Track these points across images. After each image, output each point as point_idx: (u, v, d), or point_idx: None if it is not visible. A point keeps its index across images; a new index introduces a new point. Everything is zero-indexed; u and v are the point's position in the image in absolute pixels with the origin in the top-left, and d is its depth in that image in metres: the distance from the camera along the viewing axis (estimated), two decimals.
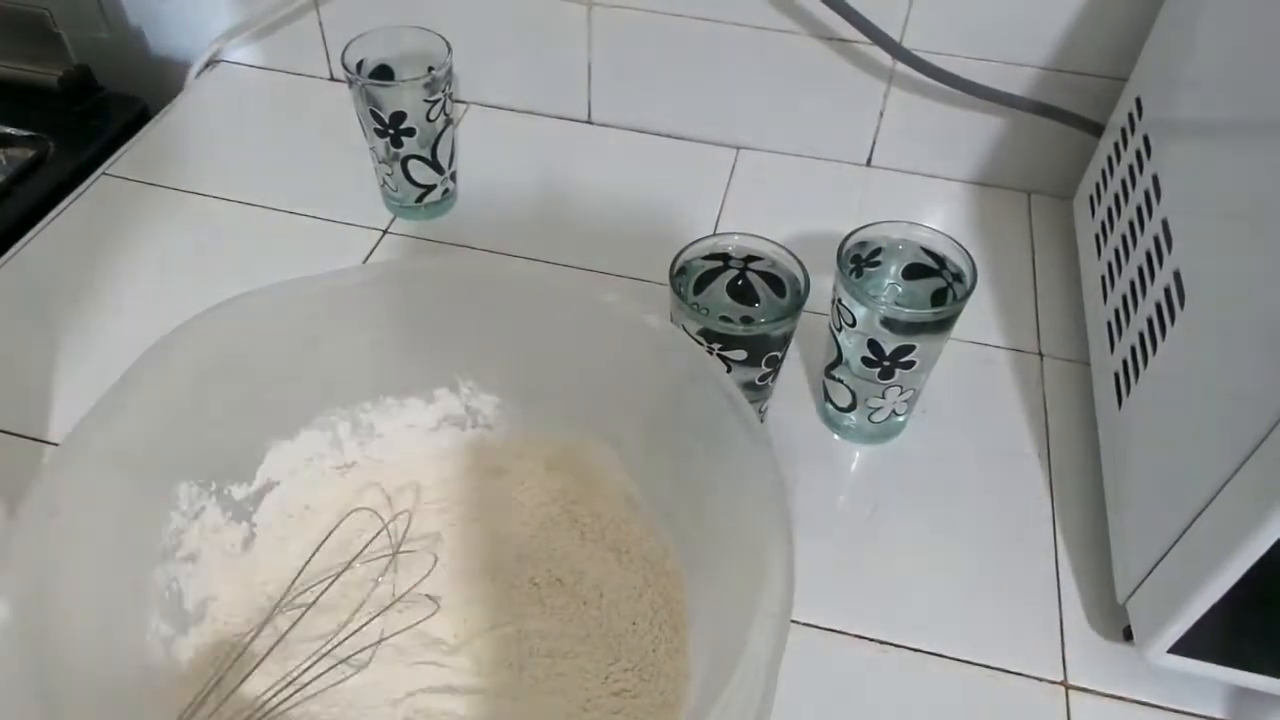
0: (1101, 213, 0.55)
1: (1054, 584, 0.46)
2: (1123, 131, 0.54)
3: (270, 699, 0.38)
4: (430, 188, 0.62)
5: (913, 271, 0.49)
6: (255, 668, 0.39)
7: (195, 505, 0.40)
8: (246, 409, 0.41)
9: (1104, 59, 0.60)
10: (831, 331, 0.48)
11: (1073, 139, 0.63)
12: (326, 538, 0.43)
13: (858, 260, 0.48)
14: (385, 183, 0.62)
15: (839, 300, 0.46)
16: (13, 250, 0.60)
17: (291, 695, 0.38)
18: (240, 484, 0.42)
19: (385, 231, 0.62)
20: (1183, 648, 0.38)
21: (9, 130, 0.71)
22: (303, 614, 0.40)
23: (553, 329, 0.42)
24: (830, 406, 0.51)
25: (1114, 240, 0.52)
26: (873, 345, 0.46)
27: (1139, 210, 0.48)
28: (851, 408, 0.50)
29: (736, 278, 0.47)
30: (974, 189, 0.67)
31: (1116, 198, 0.53)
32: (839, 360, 0.48)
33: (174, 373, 0.38)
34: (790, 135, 0.68)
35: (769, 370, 0.46)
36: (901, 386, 0.48)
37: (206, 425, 0.40)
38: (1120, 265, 0.50)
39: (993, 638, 0.44)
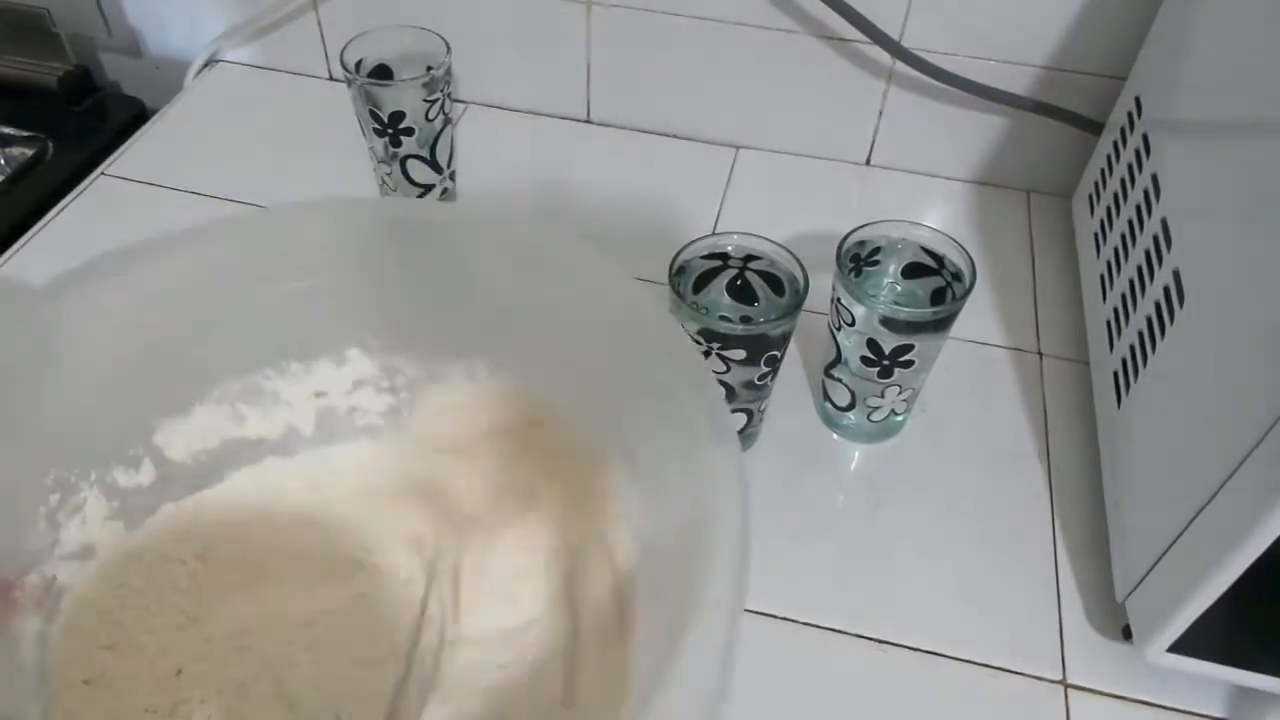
0: (1101, 212, 0.55)
1: (1053, 583, 0.46)
2: (1122, 130, 0.54)
3: None
4: (429, 187, 0.62)
5: (912, 271, 0.49)
6: None
7: (71, 499, 0.35)
8: (128, 383, 0.37)
9: (1103, 58, 0.60)
10: (830, 331, 0.48)
11: (1072, 138, 0.63)
12: None
13: (857, 259, 0.48)
14: (384, 182, 0.62)
15: (838, 299, 0.46)
16: (12, 250, 0.60)
17: None
18: (126, 469, 0.37)
19: None
20: (1182, 646, 0.38)
21: (9, 130, 0.71)
22: None
23: (487, 276, 0.38)
24: (829, 406, 0.51)
25: (1113, 239, 0.52)
26: (872, 344, 0.46)
27: (1138, 209, 0.48)
28: (851, 407, 0.50)
29: (735, 277, 0.47)
30: (973, 188, 0.67)
31: (1116, 197, 0.53)
32: (838, 359, 0.48)
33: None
34: (789, 134, 0.68)
35: (768, 370, 0.46)
36: (900, 385, 0.48)
37: (78, 403, 0.35)
38: (1119, 264, 0.50)
39: (992, 636, 0.44)
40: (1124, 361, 0.46)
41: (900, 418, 0.51)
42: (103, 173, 0.66)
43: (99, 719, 0.35)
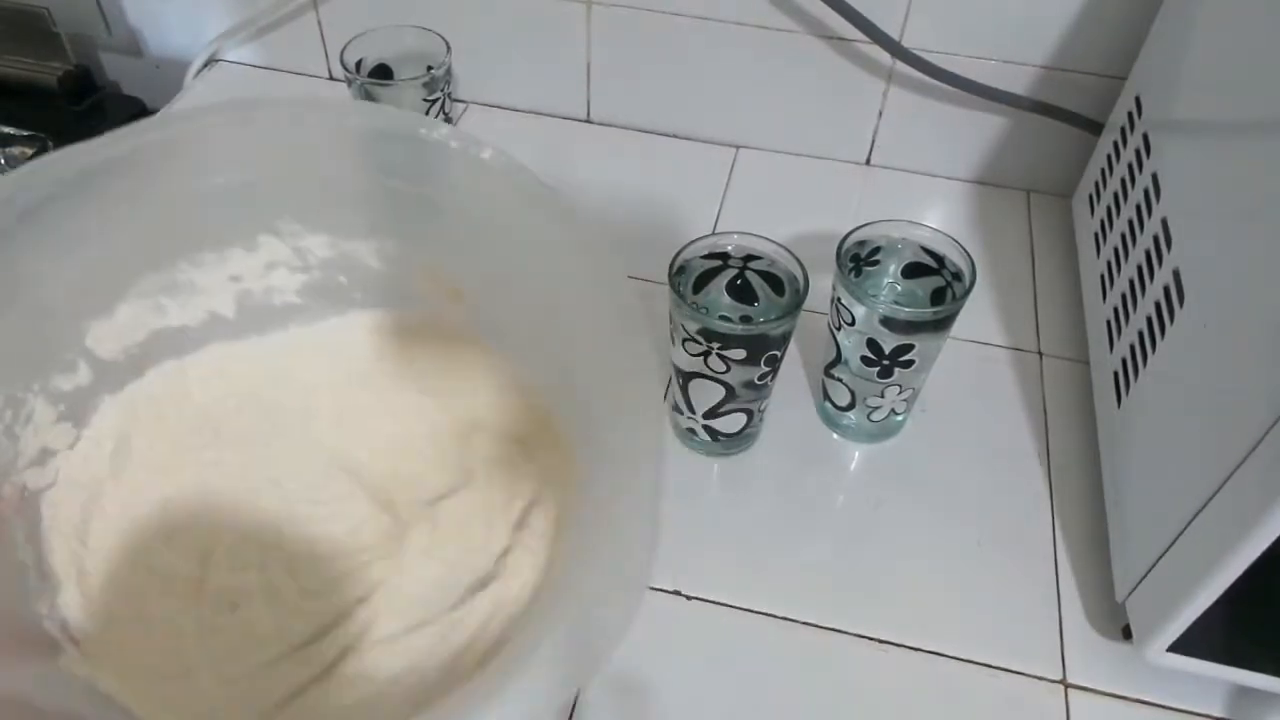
0: (1101, 211, 0.55)
1: (1053, 582, 0.46)
2: (1122, 130, 0.54)
3: None
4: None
5: (912, 270, 0.49)
6: None
7: (21, 411, 0.37)
8: (53, 294, 0.38)
9: (1103, 58, 0.60)
10: (831, 330, 0.48)
11: (1072, 138, 0.63)
12: None
13: (857, 259, 0.48)
14: None
15: (838, 299, 0.46)
16: None
17: None
18: (64, 374, 0.39)
19: None
20: (1182, 646, 0.38)
21: (9, 130, 0.71)
22: None
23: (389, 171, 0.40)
24: (829, 405, 0.51)
25: (1113, 239, 0.52)
26: (872, 344, 0.46)
27: (1138, 209, 0.49)
28: (851, 406, 0.50)
29: (735, 277, 0.47)
30: (973, 188, 0.67)
31: (1116, 196, 0.53)
32: (838, 359, 0.48)
33: None
34: (789, 134, 0.68)
35: (768, 369, 0.46)
36: (901, 385, 0.48)
37: (11, 324, 0.37)
38: (1119, 264, 0.50)
39: (992, 636, 0.44)
40: (1124, 361, 0.46)
41: (900, 418, 0.51)
42: None
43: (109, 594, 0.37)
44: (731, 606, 0.45)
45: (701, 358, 0.44)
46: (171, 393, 0.43)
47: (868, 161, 0.69)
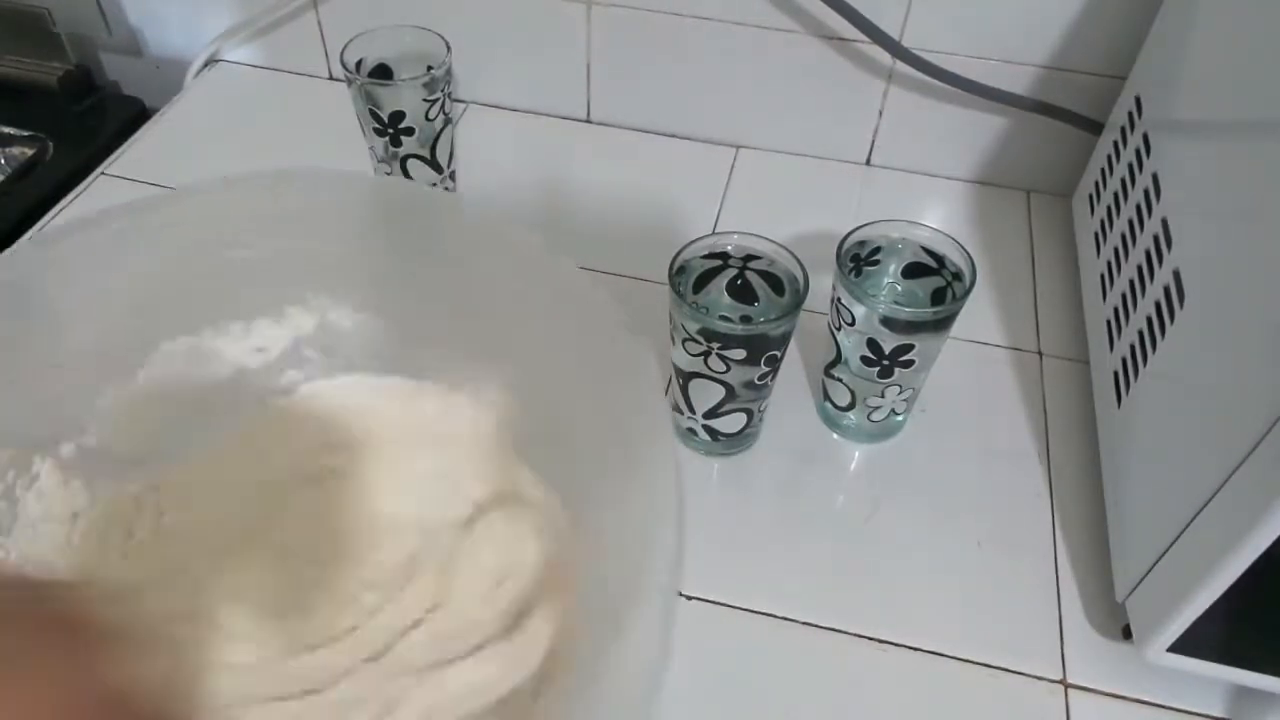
0: (1101, 211, 0.55)
1: (1053, 582, 0.46)
2: (1122, 130, 0.54)
3: None
4: (429, 187, 0.62)
5: (912, 270, 0.49)
6: None
7: (25, 475, 0.37)
8: (71, 356, 0.38)
9: (1103, 57, 0.60)
10: (831, 330, 0.48)
11: (1072, 137, 0.63)
12: None
13: (857, 259, 0.48)
14: None
15: (838, 299, 0.46)
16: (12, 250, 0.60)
17: None
18: (76, 439, 0.38)
19: None
20: (1182, 646, 0.38)
21: (8, 130, 0.71)
22: None
23: (417, 245, 0.40)
24: (829, 405, 0.51)
25: (1113, 239, 0.52)
26: (872, 344, 0.46)
27: (1138, 209, 0.49)
28: (851, 407, 0.50)
29: (736, 277, 0.47)
30: (973, 187, 0.67)
31: (1116, 196, 0.53)
32: (838, 359, 0.48)
33: None
34: (790, 134, 0.68)
35: (768, 369, 0.46)
36: (901, 385, 0.48)
37: (27, 383, 0.36)
38: (1120, 264, 0.50)
39: (992, 636, 0.44)
40: (1124, 361, 0.46)
41: (900, 418, 0.51)
42: (103, 172, 0.66)
43: None
44: (731, 606, 0.45)
45: (701, 358, 0.44)
46: (188, 459, 0.42)
47: (868, 161, 0.69)
